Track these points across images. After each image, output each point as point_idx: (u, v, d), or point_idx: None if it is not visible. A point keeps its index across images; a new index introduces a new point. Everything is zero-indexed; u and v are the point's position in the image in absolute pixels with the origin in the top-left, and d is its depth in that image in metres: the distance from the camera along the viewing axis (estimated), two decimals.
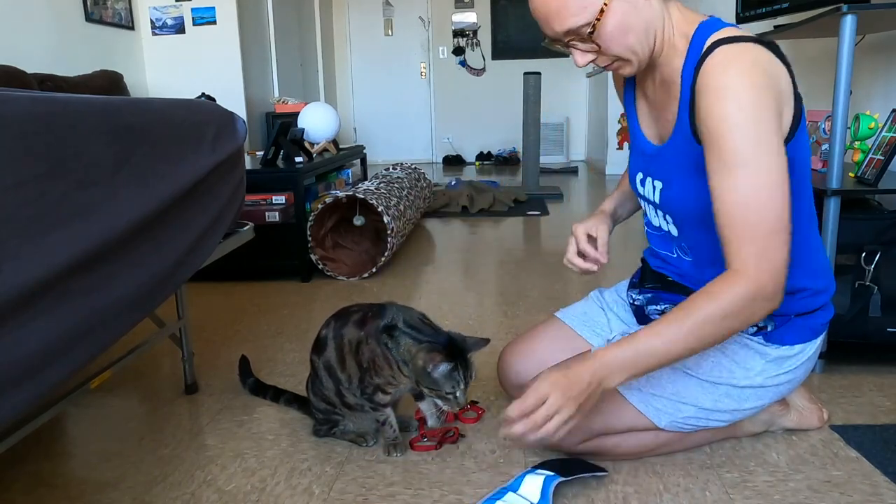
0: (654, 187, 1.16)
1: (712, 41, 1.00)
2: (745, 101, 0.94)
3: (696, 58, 1.01)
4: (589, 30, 0.99)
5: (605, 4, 0.98)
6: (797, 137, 1.03)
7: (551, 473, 1.12)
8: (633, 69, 1.07)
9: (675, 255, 1.21)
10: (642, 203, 1.26)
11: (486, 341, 1.20)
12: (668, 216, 1.17)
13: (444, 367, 1.13)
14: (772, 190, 0.94)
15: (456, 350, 1.16)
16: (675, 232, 1.18)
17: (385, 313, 1.21)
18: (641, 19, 1.01)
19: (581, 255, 1.28)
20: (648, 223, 1.27)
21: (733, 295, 0.95)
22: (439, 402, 1.17)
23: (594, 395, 1.00)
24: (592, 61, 1.06)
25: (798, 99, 1.02)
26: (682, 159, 1.08)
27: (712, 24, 1.04)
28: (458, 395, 1.15)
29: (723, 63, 0.96)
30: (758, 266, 0.95)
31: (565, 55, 1.10)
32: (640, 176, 1.21)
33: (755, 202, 0.94)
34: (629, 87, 1.24)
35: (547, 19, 1.02)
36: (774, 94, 0.96)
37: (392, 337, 1.19)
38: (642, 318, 1.28)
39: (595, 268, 1.27)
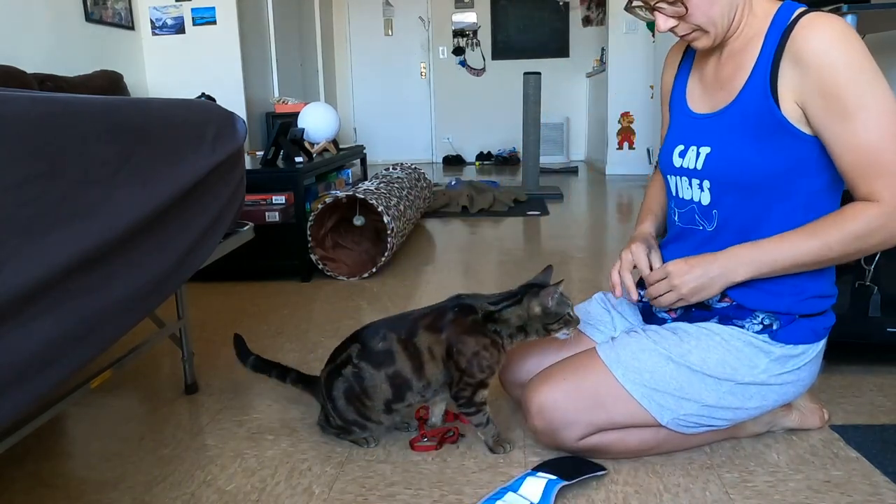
0: (697, 154, 1.18)
1: (801, 10, 1.06)
2: (851, 49, 1.00)
3: (784, 24, 1.06)
4: None
5: None
6: None
7: (553, 477, 1.12)
8: (708, 42, 1.12)
9: (700, 228, 1.22)
10: (672, 181, 1.26)
11: (550, 267, 1.31)
12: (705, 182, 1.18)
13: (556, 294, 1.21)
14: (894, 125, 1.00)
15: (542, 285, 1.25)
16: (706, 200, 1.19)
17: (473, 307, 1.24)
18: None
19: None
20: (675, 201, 1.27)
21: (867, 218, 1.02)
22: (563, 331, 1.23)
23: (715, 283, 1.12)
24: (672, 28, 1.11)
25: None
26: (744, 120, 1.11)
27: (795, 4, 1.10)
28: (572, 312, 1.24)
29: (819, 23, 1.02)
30: (894, 193, 1.00)
31: (641, 19, 1.16)
32: (679, 148, 1.23)
33: (881, 141, 1.00)
34: (684, 68, 1.28)
35: None
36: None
37: (497, 321, 1.22)
38: (649, 316, 1.28)
39: (621, 295, 1.27)
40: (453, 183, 4.84)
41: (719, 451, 1.26)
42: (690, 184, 1.21)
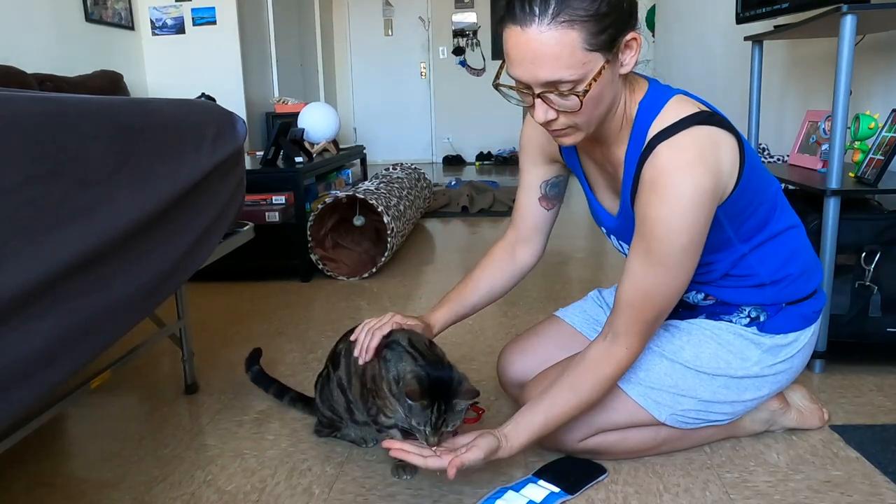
0: (621, 246, 1.20)
1: (653, 134, 0.99)
2: (682, 209, 0.96)
3: (639, 149, 1.01)
4: (584, 87, 0.91)
5: (604, 67, 0.91)
6: (745, 174, 1.02)
7: (556, 490, 1.12)
8: (575, 140, 1.02)
9: None
10: (622, 248, 1.26)
11: (476, 393, 1.10)
12: None
13: (417, 406, 1.06)
14: (677, 288, 1.03)
15: (441, 390, 1.08)
16: None
17: (392, 334, 1.17)
18: (611, 93, 0.97)
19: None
20: None
21: (616, 367, 1.06)
22: (415, 431, 1.11)
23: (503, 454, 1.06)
24: (550, 121, 0.97)
25: (741, 140, 1.02)
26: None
27: (652, 102, 1.02)
28: (427, 430, 1.06)
29: (665, 169, 0.96)
30: (641, 340, 1.06)
31: (508, 99, 1.00)
32: (604, 230, 1.24)
33: (660, 295, 1.03)
34: (569, 153, 1.22)
35: (536, 61, 0.89)
36: (713, 189, 0.96)
37: (393, 350, 1.14)
38: None
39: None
40: (453, 183, 4.83)
41: (719, 451, 1.26)
42: None
